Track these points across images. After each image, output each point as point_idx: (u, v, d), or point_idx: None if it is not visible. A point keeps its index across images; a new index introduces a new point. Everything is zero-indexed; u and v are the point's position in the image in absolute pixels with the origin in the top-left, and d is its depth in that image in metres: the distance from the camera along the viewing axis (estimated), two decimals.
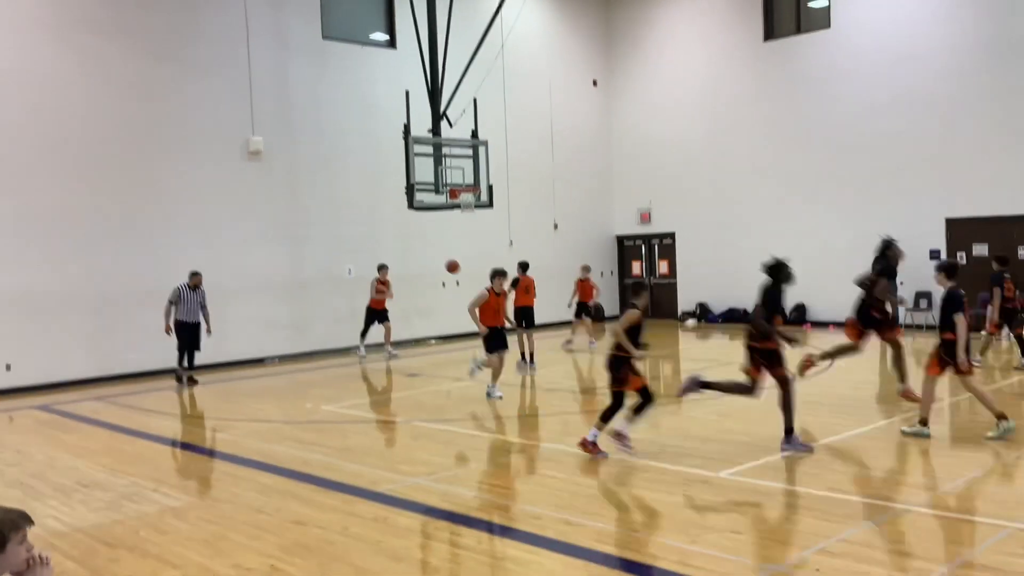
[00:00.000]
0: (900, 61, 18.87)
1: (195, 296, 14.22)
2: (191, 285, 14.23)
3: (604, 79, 24.36)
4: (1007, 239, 17.73)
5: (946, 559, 5.29)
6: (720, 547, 5.69)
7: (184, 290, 14.16)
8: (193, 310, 14.16)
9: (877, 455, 8.04)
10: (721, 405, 10.85)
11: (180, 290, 14.14)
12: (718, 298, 22.51)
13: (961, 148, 18.06)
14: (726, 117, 21.97)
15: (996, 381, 12.15)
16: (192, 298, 14.18)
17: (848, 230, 19.82)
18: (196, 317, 14.19)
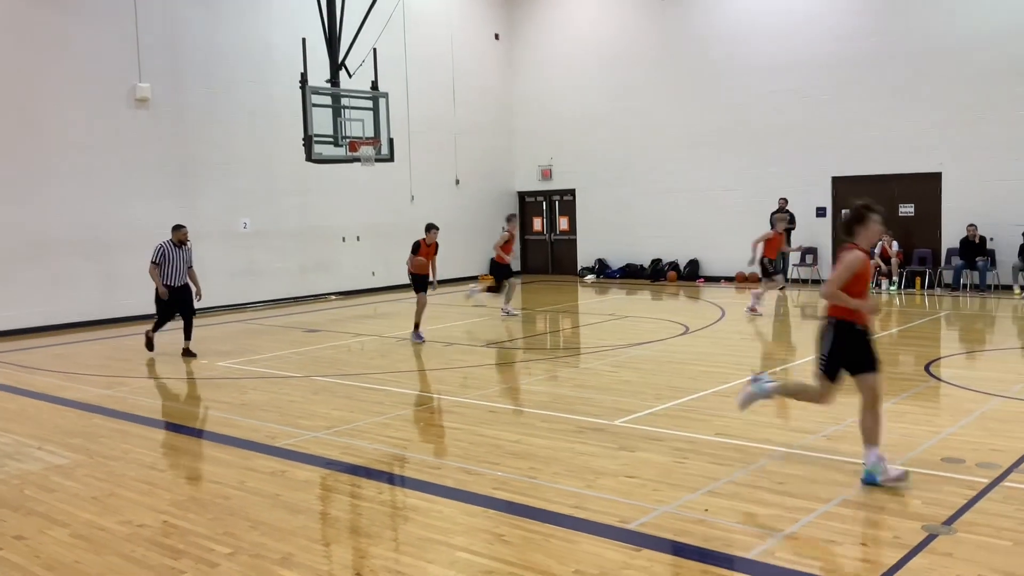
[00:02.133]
0: (797, 22, 19.37)
1: (181, 254, 12.05)
2: (175, 241, 12.05)
3: (506, 33, 24.21)
4: (888, 197, 18.55)
5: (826, 498, 5.57)
6: (614, 491, 5.86)
7: (168, 248, 11.97)
8: (180, 271, 12.03)
9: (763, 402, 8.37)
10: (618, 356, 11.11)
11: (163, 248, 11.96)
12: (616, 254, 22.90)
13: (849, 109, 18.74)
14: (627, 75, 22.17)
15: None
16: (178, 257, 12.02)
17: (742, 187, 20.41)
18: (183, 278, 12.09)
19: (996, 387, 8.70)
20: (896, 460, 6.32)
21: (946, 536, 4.90)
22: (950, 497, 5.53)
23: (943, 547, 4.76)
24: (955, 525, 5.06)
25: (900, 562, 4.58)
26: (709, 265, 21.30)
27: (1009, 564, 4.52)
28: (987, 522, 5.10)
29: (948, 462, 6.26)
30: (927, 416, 7.78)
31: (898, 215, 18.44)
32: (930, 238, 18.18)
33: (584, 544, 5.00)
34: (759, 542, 4.92)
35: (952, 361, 10.51)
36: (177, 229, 12.15)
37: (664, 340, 12.38)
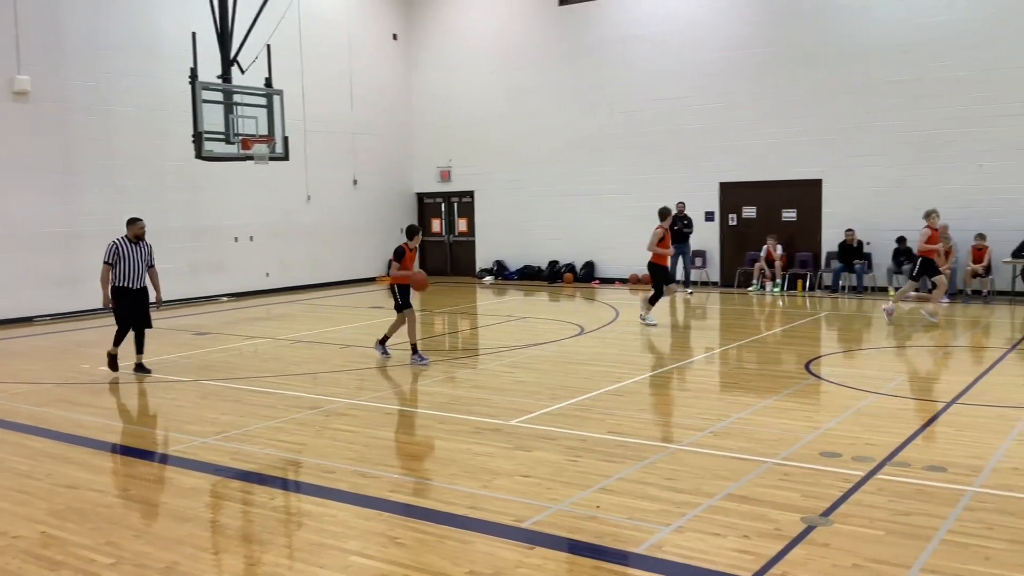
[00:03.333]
0: (683, 31, 19.93)
1: (139, 252, 10.47)
2: (132, 237, 10.45)
3: (405, 33, 24.09)
4: (772, 202, 19.32)
5: (711, 492, 5.77)
6: (509, 490, 5.92)
7: (123, 245, 10.37)
8: (138, 271, 10.43)
9: (654, 400, 8.61)
10: (515, 357, 11.20)
11: (117, 246, 10.35)
12: (515, 255, 23.06)
13: (736, 116, 19.39)
14: (523, 78, 22.37)
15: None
16: (135, 255, 10.41)
17: (635, 191, 20.86)
18: (143, 280, 10.52)
19: (872, 384, 9.16)
20: (777, 454, 6.60)
21: (824, 527, 5.14)
22: (828, 490, 5.79)
23: (821, 538, 4.99)
24: (832, 516, 5.31)
25: (780, 553, 4.78)
26: (604, 267, 21.69)
27: (882, 553, 4.77)
28: (862, 513, 5.37)
29: (826, 456, 6.56)
30: (807, 412, 8.13)
31: (781, 220, 19.21)
32: (811, 242, 18.99)
33: (479, 544, 5.03)
34: (648, 537, 5.05)
35: (831, 360, 11.01)
36: (133, 223, 10.52)
37: (560, 341, 12.55)
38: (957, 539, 4.93)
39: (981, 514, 5.31)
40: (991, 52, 16.60)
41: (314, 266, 21.44)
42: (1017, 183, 16.57)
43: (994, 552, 4.73)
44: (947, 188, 17.17)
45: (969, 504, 5.49)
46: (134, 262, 10.38)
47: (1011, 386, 9.07)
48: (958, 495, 5.65)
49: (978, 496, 5.65)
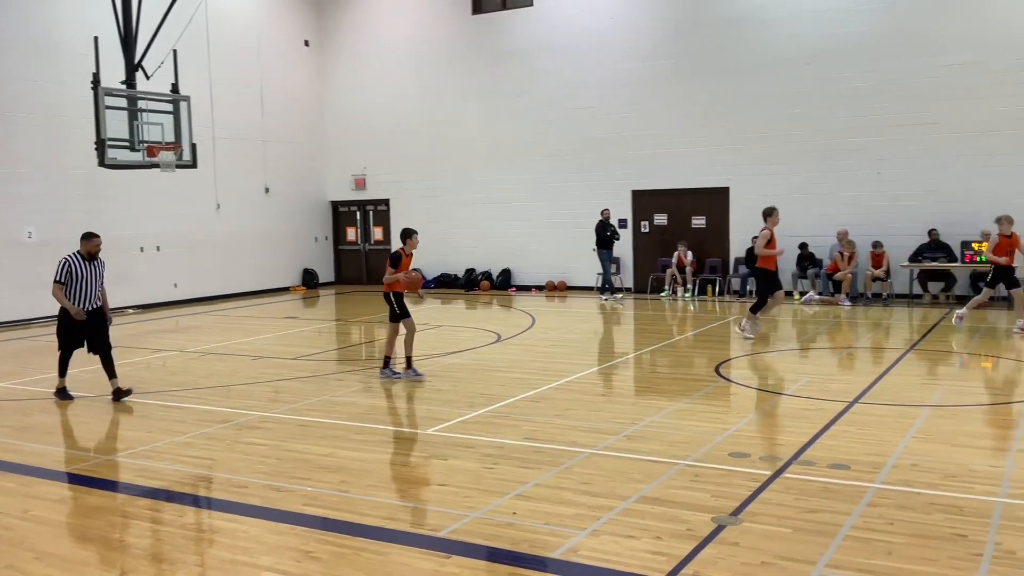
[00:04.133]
0: (595, 41, 20.24)
1: (93, 270, 9.41)
2: (85, 253, 9.37)
3: (317, 40, 23.81)
4: (682, 210, 19.75)
5: (625, 495, 5.86)
6: (426, 500, 5.90)
7: (75, 263, 9.27)
8: (91, 291, 9.39)
9: (570, 405, 8.69)
10: (432, 365, 11.16)
11: (69, 263, 9.24)
12: (431, 263, 22.99)
13: (647, 126, 19.78)
14: (438, 86, 22.37)
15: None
16: (89, 273, 9.34)
17: (550, 199, 21.07)
18: (96, 300, 9.48)
19: (779, 386, 9.46)
20: (689, 456, 6.74)
21: (733, 526, 5.28)
22: (737, 489, 5.95)
23: (731, 537, 5.12)
24: (741, 515, 5.45)
25: (692, 553, 4.88)
26: (521, 274, 21.81)
27: (789, 550, 4.92)
28: (770, 511, 5.53)
29: (735, 457, 6.74)
30: (717, 414, 8.33)
31: (691, 227, 19.68)
32: (720, 248, 19.49)
33: (395, 555, 5.00)
34: (564, 541, 5.10)
35: (740, 362, 11.30)
36: (88, 238, 9.43)
37: (477, 348, 12.57)
38: (860, 534, 5.12)
39: (882, 509, 5.53)
40: (887, 64, 17.34)
41: (225, 276, 20.95)
42: (913, 190, 17.33)
43: (895, 546, 4.93)
44: (847, 196, 17.86)
45: (871, 500, 5.71)
46: (88, 281, 9.32)
47: (909, 385, 9.46)
48: (861, 492, 5.87)
49: (880, 492, 5.87)
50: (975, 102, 16.64)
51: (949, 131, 16.92)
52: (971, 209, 16.71)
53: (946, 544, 4.93)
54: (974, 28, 16.63)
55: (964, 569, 4.59)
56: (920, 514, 5.42)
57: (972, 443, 7.04)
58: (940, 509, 5.49)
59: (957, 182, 16.93)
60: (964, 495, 5.75)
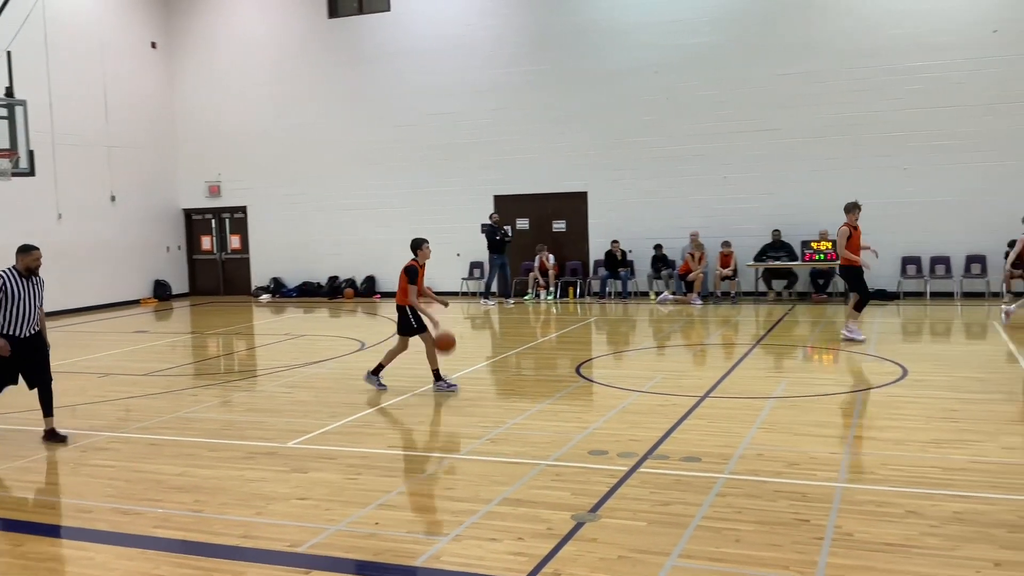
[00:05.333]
0: (453, 48, 20.33)
1: (31, 289, 7.93)
2: (23, 269, 7.90)
3: (165, 42, 22.87)
4: (543, 214, 20.10)
5: (488, 498, 5.91)
6: (285, 515, 5.76)
7: (11, 280, 7.81)
8: (30, 313, 7.91)
9: (434, 411, 8.70)
10: (293, 376, 10.93)
11: (5, 281, 7.77)
12: (293, 272, 22.51)
13: (508, 131, 20.01)
14: (294, 90, 21.92)
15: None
16: (28, 292, 7.88)
17: (413, 205, 21.00)
18: (35, 324, 8.00)
19: (635, 383, 9.74)
20: (549, 456, 6.87)
21: (592, 523, 5.41)
22: (596, 486, 6.10)
23: (590, 533, 5.25)
24: (600, 512, 5.60)
25: (552, 551, 4.97)
26: (386, 281, 21.61)
27: (644, 543, 5.08)
28: (626, 506, 5.70)
29: (594, 454, 6.91)
30: (576, 413, 8.52)
31: (552, 231, 20.05)
32: (580, 251, 19.95)
33: (252, 573, 4.86)
34: (427, 549, 5.09)
35: (600, 362, 11.60)
36: (27, 251, 7.90)
37: (341, 357, 12.39)
38: (711, 524, 5.34)
39: (731, 499, 5.79)
40: (731, 73, 18.20)
41: (67, 291, 19.73)
42: (757, 193, 18.25)
43: (743, 533, 5.17)
44: (697, 199, 18.62)
45: (721, 490, 5.97)
46: (26, 301, 7.85)
47: (756, 379, 9.96)
48: (711, 483, 6.13)
49: (729, 482, 6.15)
50: (810, 109, 17.69)
51: (788, 137, 17.91)
52: (810, 210, 17.75)
53: (790, 529, 5.21)
54: (807, 40, 17.68)
55: (807, 552, 4.86)
56: (766, 502, 5.71)
57: (813, 432, 7.47)
58: (784, 496, 5.80)
59: (796, 185, 17.95)
60: (806, 482, 6.09)
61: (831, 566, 4.66)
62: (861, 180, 17.38)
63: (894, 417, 7.92)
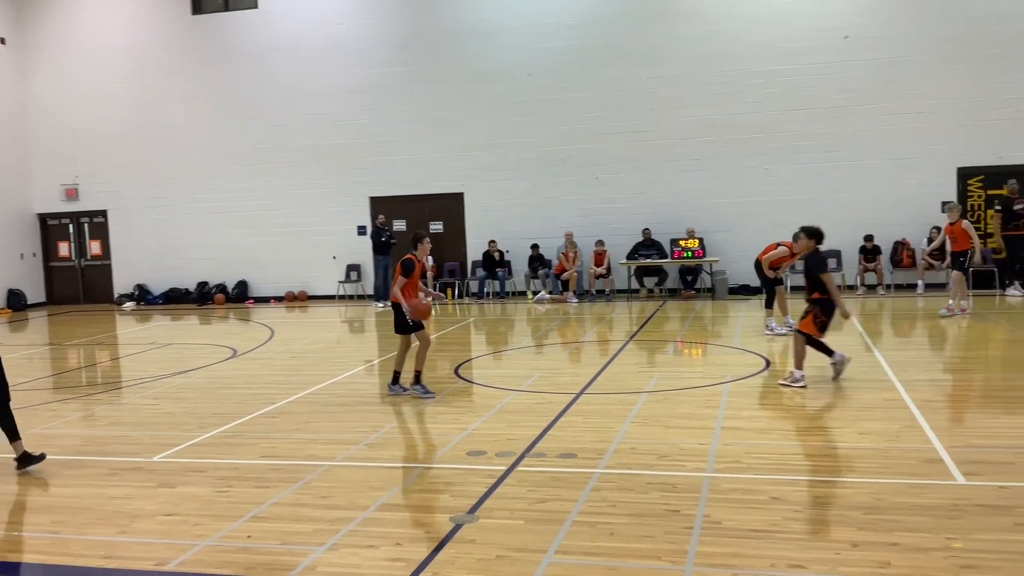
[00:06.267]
0: (326, 47, 20.01)
1: None
2: None
3: (15, 37, 21.58)
4: (420, 215, 20.02)
5: (365, 505, 5.83)
6: (151, 533, 5.53)
7: None
8: None
9: (309, 418, 8.52)
10: (160, 388, 10.50)
11: None
12: (159, 278, 21.65)
13: (383, 132, 19.83)
14: (157, 88, 21.11)
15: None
16: None
17: (286, 207, 20.55)
18: None
19: (513, 383, 9.83)
20: (428, 459, 6.84)
21: (470, 524, 5.41)
22: (474, 487, 6.11)
23: (468, 535, 5.25)
24: (478, 513, 5.61)
25: (430, 555, 4.95)
26: (258, 286, 21.07)
27: (521, 541, 5.12)
28: (504, 506, 5.73)
29: (472, 455, 6.92)
30: (455, 415, 8.51)
31: (429, 232, 19.97)
32: (457, 252, 19.97)
33: None
34: (301, 560, 4.98)
35: (479, 362, 11.64)
36: None
37: (211, 366, 11.99)
38: (586, 519, 5.44)
39: (605, 493, 5.91)
40: (599, 76, 18.61)
41: None
42: (628, 193, 18.72)
43: (617, 527, 5.29)
44: (570, 199, 18.96)
45: (596, 485, 6.08)
46: None
47: (629, 374, 10.21)
48: (586, 478, 6.24)
49: (603, 477, 6.27)
50: (676, 111, 18.27)
51: (656, 138, 18.45)
52: (677, 209, 18.36)
53: (662, 520, 5.35)
54: (671, 44, 18.26)
55: (678, 542, 5.01)
56: (639, 494, 5.85)
57: (683, 424, 7.72)
58: (656, 488, 5.96)
59: (665, 185, 18.51)
60: (677, 473, 6.28)
61: (700, 554, 4.82)
62: (725, 180, 18.11)
63: (758, 407, 8.27)
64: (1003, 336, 12.17)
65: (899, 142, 17.31)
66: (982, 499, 5.45)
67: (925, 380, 9.14)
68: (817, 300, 8.84)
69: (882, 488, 5.78)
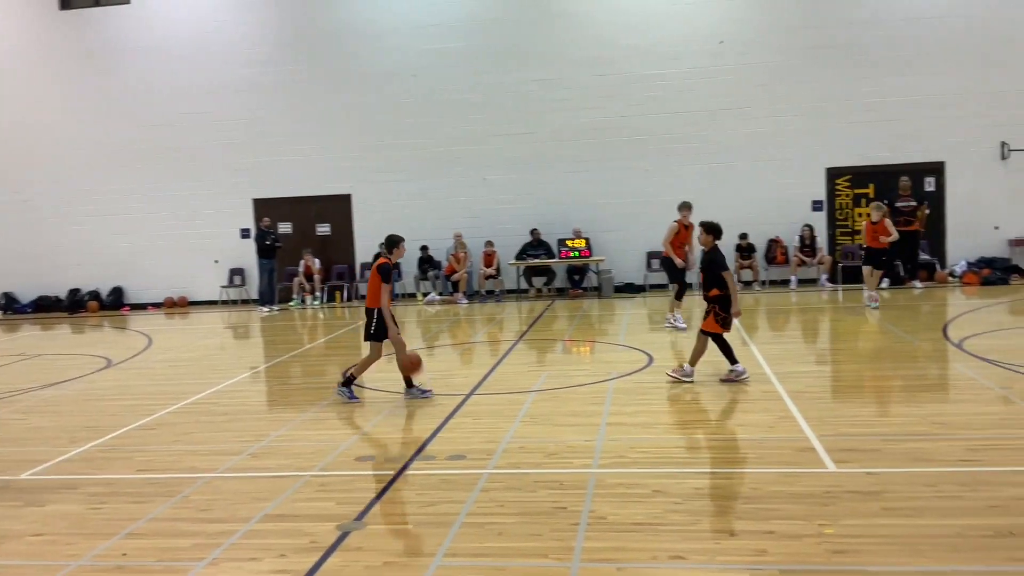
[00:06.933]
0: (204, 46, 19.41)
1: None
2: None
3: None
4: (307, 217, 19.66)
5: (248, 517, 5.67)
6: (19, 554, 5.24)
7: None
8: None
9: (189, 429, 8.24)
10: (27, 401, 9.97)
11: None
12: (27, 286, 20.55)
13: (266, 133, 19.37)
14: (23, 86, 20.05)
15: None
16: None
17: (165, 210, 19.85)
18: None
19: (399, 385, 9.73)
20: (315, 467, 6.72)
21: (358, 531, 5.34)
22: (362, 493, 6.04)
23: (355, 542, 5.18)
24: (366, 519, 5.54)
25: (316, 565, 4.86)
26: (135, 292, 20.25)
27: (410, 546, 5.10)
28: (392, 511, 5.69)
29: (361, 461, 6.84)
30: (344, 420, 8.39)
31: (316, 234, 19.65)
32: (346, 254, 19.70)
33: None
34: None
35: None
36: None
37: (83, 377, 11.45)
38: (475, 520, 5.44)
39: (494, 493, 5.94)
40: (485, 78, 18.69)
41: None
42: (515, 195, 18.86)
43: (506, 526, 5.31)
44: (460, 200, 18.97)
45: (485, 486, 6.10)
46: None
47: (519, 374, 10.29)
48: (475, 479, 6.25)
49: (492, 477, 6.30)
50: (562, 113, 18.52)
51: (542, 140, 18.66)
52: (564, 209, 18.62)
53: (549, 518, 5.41)
54: (555, 47, 18.51)
55: (564, 539, 5.07)
56: (527, 493, 5.90)
57: (570, 422, 7.82)
58: (544, 486, 6.02)
59: (551, 185, 18.73)
60: (564, 470, 6.37)
61: (586, 550, 4.89)
62: (609, 180, 18.47)
63: (642, 402, 8.47)
64: (872, 328, 12.83)
65: (771, 144, 18.02)
66: (852, 485, 5.72)
67: (798, 372, 9.55)
68: (715, 297, 8.97)
69: (758, 478, 6.01)
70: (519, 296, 18.64)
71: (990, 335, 11.42)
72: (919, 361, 10.18)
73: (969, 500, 5.35)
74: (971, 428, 7.07)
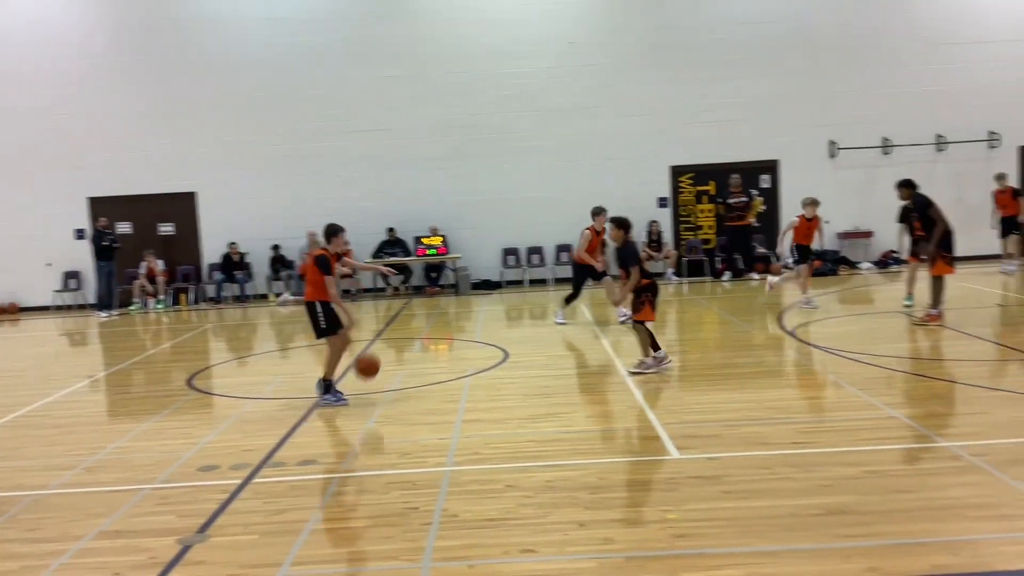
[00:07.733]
0: (29, 36, 18.23)
1: None
2: None
3: None
4: (148, 217, 18.77)
5: (81, 534, 5.35)
6: None
7: None
8: None
9: (17, 444, 7.71)
10: None
11: None
12: None
13: (101, 128, 18.34)
14: None
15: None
16: None
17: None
18: None
19: (252, 390, 9.46)
20: (155, 479, 6.41)
21: (200, 544, 5.13)
22: (205, 504, 5.80)
23: (197, 556, 4.96)
24: (209, 531, 5.32)
25: None
26: None
27: (255, 557, 4.92)
28: (238, 521, 5.49)
29: (204, 470, 6.57)
30: (186, 429, 8.03)
31: (159, 234, 18.78)
32: (191, 255, 18.90)
33: None
34: None
35: (216, 371, 11.09)
36: None
37: None
38: (325, 526, 5.34)
39: (345, 498, 5.84)
40: (338, 73, 18.38)
41: None
42: (371, 191, 18.63)
43: (357, 531, 5.23)
44: (314, 198, 18.55)
45: (336, 490, 6.00)
46: None
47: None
48: (326, 484, 6.13)
49: (343, 481, 6.20)
50: (416, 110, 18.43)
51: (397, 137, 18.51)
52: (421, 207, 18.54)
53: (401, 519, 5.36)
54: (407, 44, 18.39)
55: (416, 540, 5.03)
56: (379, 495, 5.83)
57: (425, 420, 7.79)
58: (397, 487, 5.96)
59: (407, 183, 18.61)
60: (417, 470, 6.32)
61: (438, 549, 4.88)
62: (466, 178, 18.53)
63: (496, 398, 8.53)
64: (714, 319, 13.41)
65: (618, 142, 18.52)
66: (694, 471, 5.95)
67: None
68: (645, 287, 9.08)
69: (606, 467, 6.17)
70: (376, 295, 18.43)
71: (821, 323, 12.15)
72: (756, 349, 10.72)
73: (801, 481, 5.67)
74: (803, 412, 7.50)
